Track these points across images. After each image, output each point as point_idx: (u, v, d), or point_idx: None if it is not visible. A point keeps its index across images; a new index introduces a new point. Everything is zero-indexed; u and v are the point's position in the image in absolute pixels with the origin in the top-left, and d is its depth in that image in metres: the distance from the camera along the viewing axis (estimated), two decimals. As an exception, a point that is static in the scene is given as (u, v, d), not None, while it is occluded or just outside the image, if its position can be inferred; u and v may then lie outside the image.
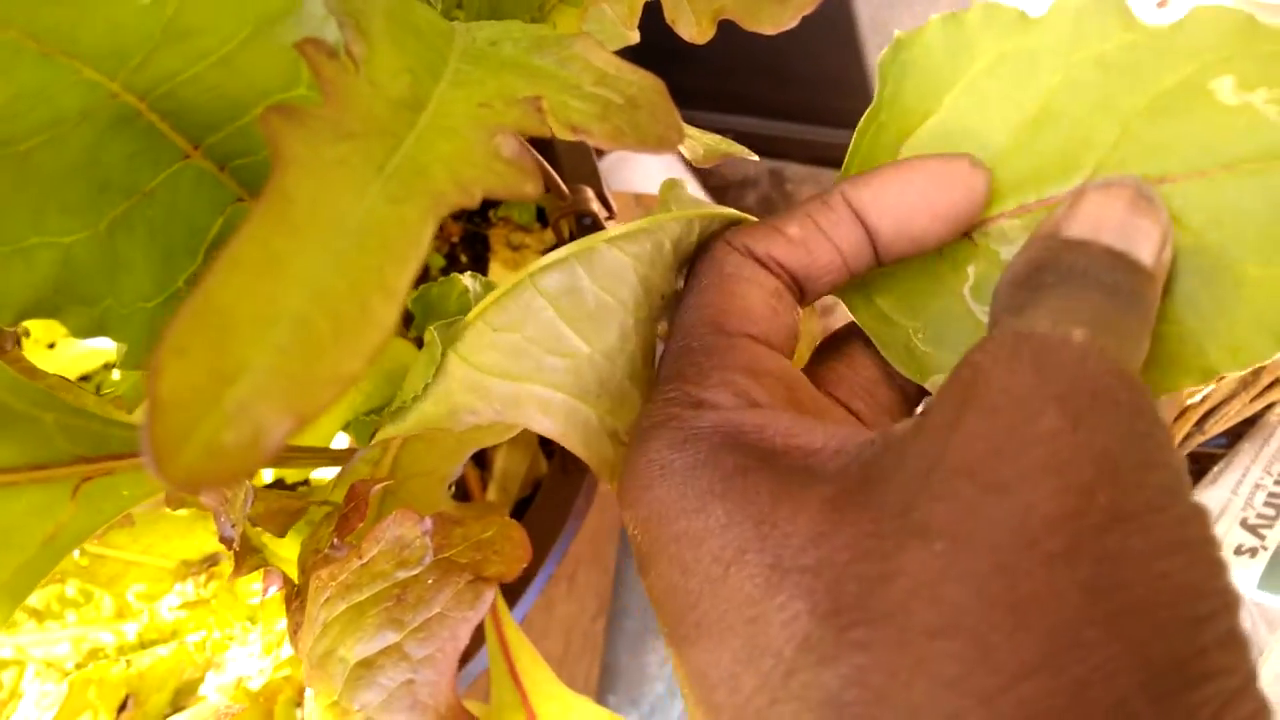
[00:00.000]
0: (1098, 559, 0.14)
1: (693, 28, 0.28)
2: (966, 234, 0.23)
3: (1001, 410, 0.16)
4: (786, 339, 0.23)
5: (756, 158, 0.30)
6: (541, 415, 0.23)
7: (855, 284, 0.25)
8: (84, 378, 0.42)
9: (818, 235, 0.23)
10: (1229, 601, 0.15)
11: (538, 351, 0.23)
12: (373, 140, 0.16)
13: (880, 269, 0.24)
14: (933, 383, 0.24)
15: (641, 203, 0.65)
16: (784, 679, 0.16)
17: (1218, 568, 0.15)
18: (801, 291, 0.23)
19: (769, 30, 0.25)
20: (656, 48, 0.35)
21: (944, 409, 0.17)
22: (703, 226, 0.24)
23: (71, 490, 0.20)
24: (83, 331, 0.20)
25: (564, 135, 0.20)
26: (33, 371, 0.22)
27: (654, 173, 0.84)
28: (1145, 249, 0.19)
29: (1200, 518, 0.15)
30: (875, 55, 0.91)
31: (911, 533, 0.15)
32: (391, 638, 0.23)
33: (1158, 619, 0.14)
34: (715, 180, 1.04)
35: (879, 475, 0.17)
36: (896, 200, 0.22)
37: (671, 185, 0.25)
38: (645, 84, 0.21)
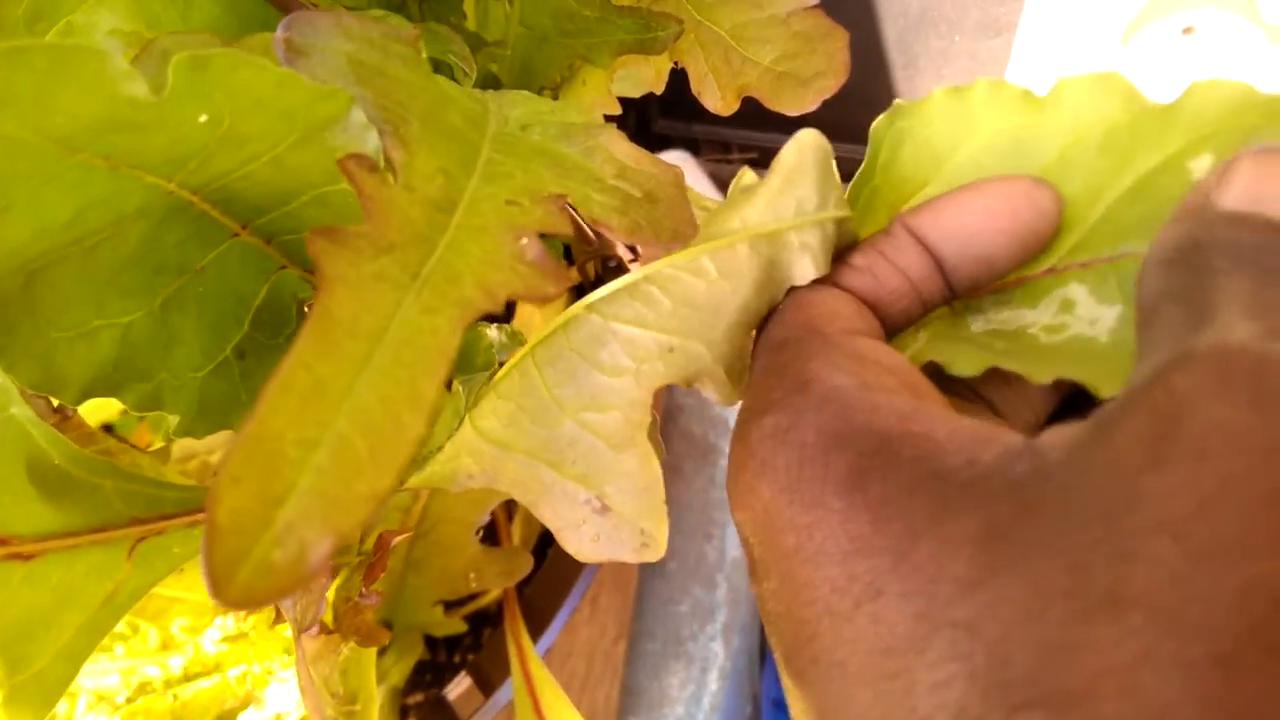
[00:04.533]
0: None
1: (718, 101, 0.29)
2: (948, 303, 0.23)
3: (1213, 455, 0.13)
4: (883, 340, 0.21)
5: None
6: (520, 484, 0.24)
7: None
8: (121, 413, 0.44)
9: (881, 261, 0.22)
10: None
11: (525, 421, 0.24)
12: (409, 249, 0.17)
13: None
14: None
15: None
16: None
17: None
18: (881, 320, 0.22)
19: (791, 112, 0.26)
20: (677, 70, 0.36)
21: (1133, 441, 0.14)
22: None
23: (128, 550, 0.22)
24: (140, 406, 0.22)
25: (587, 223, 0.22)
26: (91, 436, 0.24)
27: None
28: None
29: None
30: (901, 74, 0.92)
31: (1099, 597, 0.13)
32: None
33: None
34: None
35: (1040, 509, 0.14)
36: (955, 221, 0.22)
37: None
38: (663, 178, 0.22)
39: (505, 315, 0.51)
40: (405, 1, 0.37)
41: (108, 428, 0.37)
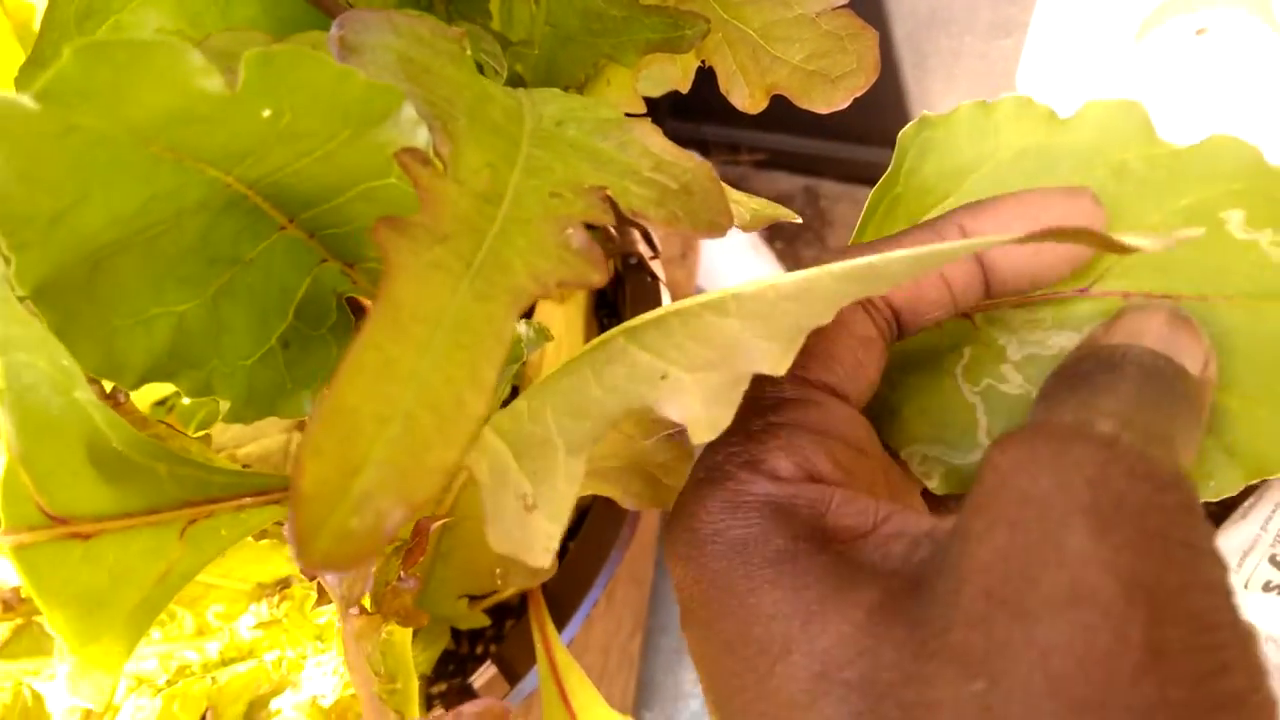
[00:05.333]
0: (1131, 712, 0.13)
1: (746, 99, 0.29)
2: (967, 315, 0.24)
3: (1022, 524, 0.15)
4: (864, 391, 0.22)
5: (799, 219, 0.32)
6: (486, 470, 0.25)
7: None
8: (160, 401, 0.45)
9: None
10: None
11: (531, 428, 0.25)
12: (462, 239, 0.18)
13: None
14: (908, 453, 0.24)
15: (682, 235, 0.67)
16: None
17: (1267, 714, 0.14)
18: (901, 327, 0.22)
19: (821, 109, 0.27)
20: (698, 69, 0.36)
21: (970, 517, 0.16)
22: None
23: (179, 532, 0.23)
24: (193, 392, 0.22)
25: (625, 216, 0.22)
26: (144, 421, 0.24)
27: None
28: (1188, 358, 0.18)
29: (1248, 651, 0.14)
30: (911, 75, 0.92)
31: (950, 660, 0.15)
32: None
33: None
34: (753, 199, 1.06)
35: (923, 584, 0.16)
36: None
37: None
38: (698, 170, 0.23)
39: (526, 312, 0.52)
40: (433, 2, 0.38)
41: (138, 421, 0.38)
